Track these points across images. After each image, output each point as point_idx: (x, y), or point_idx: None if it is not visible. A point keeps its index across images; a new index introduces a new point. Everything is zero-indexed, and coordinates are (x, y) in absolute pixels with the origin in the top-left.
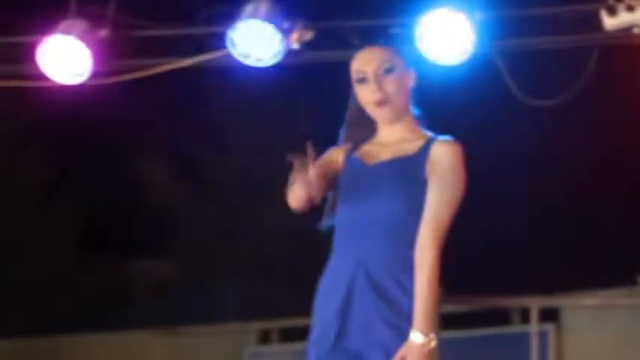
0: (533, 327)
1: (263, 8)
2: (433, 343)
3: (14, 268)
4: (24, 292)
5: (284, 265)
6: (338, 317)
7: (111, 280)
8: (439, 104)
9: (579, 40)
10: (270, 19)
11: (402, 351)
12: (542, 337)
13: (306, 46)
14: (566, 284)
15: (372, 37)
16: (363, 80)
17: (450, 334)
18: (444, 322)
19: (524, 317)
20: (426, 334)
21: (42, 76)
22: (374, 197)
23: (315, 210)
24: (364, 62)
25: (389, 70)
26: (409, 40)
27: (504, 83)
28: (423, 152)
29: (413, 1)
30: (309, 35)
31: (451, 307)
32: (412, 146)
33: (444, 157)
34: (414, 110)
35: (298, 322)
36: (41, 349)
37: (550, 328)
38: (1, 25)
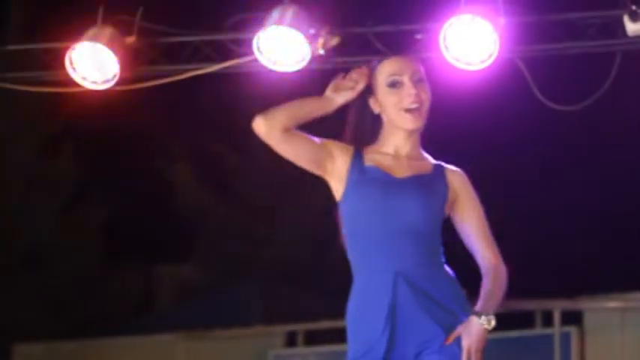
0: (556, 329)
1: (289, 14)
2: (493, 323)
3: (42, 274)
4: (52, 296)
5: (309, 269)
6: (385, 331)
7: (137, 284)
8: (463, 109)
9: (602, 46)
10: (295, 25)
11: (459, 328)
12: (565, 339)
13: (332, 51)
14: (589, 287)
15: (397, 42)
16: (396, 84)
17: None
18: None
19: (548, 320)
20: (486, 315)
21: (70, 83)
22: (406, 210)
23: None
24: (400, 67)
25: (422, 80)
26: (433, 45)
27: (528, 88)
28: (439, 174)
29: (437, 7)
30: (334, 41)
31: None
32: (424, 165)
33: (464, 184)
34: None
35: (323, 324)
36: (69, 353)
37: (573, 330)
38: (29, 32)
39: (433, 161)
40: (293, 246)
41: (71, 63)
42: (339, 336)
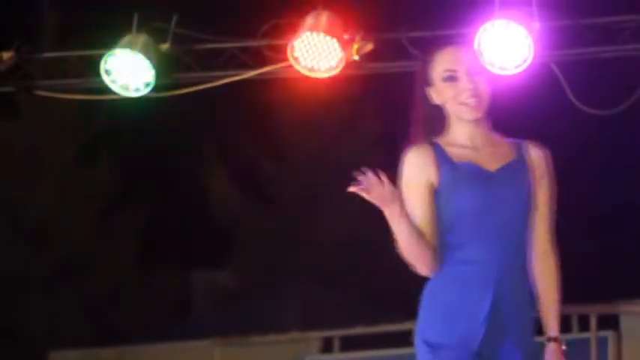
0: (593, 334)
1: (323, 20)
2: (564, 346)
3: (79, 281)
4: (88, 303)
5: (345, 275)
6: (482, 327)
7: (173, 291)
8: (497, 114)
9: (636, 49)
10: (330, 30)
11: (546, 357)
12: (601, 343)
13: (366, 57)
14: (625, 291)
15: (431, 47)
16: (452, 78)
17: None
18: None
19: (584, 324)
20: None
21: (105, 90)
22: (503, 204)
23: (375, 219)
24: (456, 60)
25: (479, 72)
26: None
27: (562, 92)
28: (520, 157)
29: (472, 12)
30: (369, 46)
31: None
32: (505, 150)
33: (543, 162)
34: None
35: (360, 330)
36: (107, 359)
37: (609, 334)
38: (64, 39)
39: (511, 142)
40: (329, 251)
41: (106, 70)
42: (374, 341)
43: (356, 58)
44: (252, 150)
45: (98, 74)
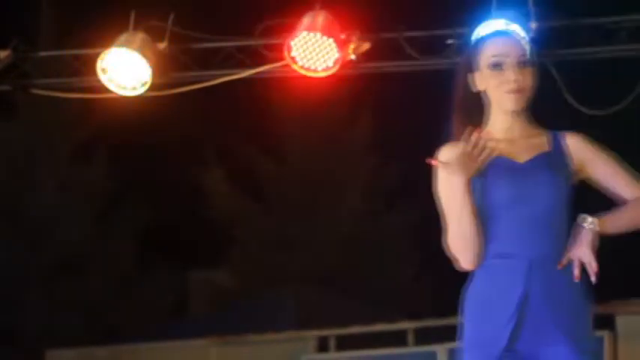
0: None
1: (320, 20)
2: (590, 225)
3: (76, 280)
4: (86, 302)
5: (341, 274)
6: (509, 324)
7: (170, 290)
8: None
9: (633, 50)
10: (327, 30)
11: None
12: (597, 343)
13: (363, 56)
14: (621, 291)
15: (428, 47)
16: (499, 66)
17: None
18: None
19: None
20: (599, 223)
21: (101, 89)
22: (534, 195)
23: (374, 217)
24: (504, 49)
25: (527, 63)
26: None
27: (560, 92)
28: (557, 147)
29: (469, 12)
30: (365, 46)
31: None
32: (541, 141)
33: (584, 146)
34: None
35: (355, 329)
36: (102, 358)
37: (605, 334)
38: (60, 38)
39: (548, 133)
40: (326, 252)
41: (103, 69)
42: (370, 341)
43: (353, 57)
44: (250, 150)
45: (95, 73)
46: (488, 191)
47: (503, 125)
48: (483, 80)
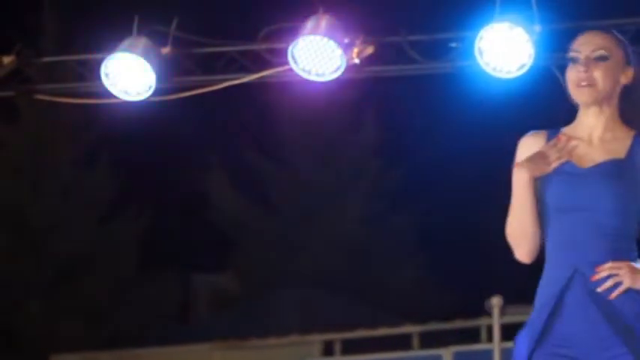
0: None
1: (323, 24)
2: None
3: (79, 284)
4: (89, 307)
5: (345, 278)
6: (543, 322)
7: (173, 294)
8: (499, 116)
9: (638, 53)
10: (330, 34)
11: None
12: None
13: (367, 60)
14: None
15: (431, 51)
16: (574, 60)
17: (511, 343)
18: (509, 331)
19: None
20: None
21: (105, 94)
22: (589, 203)
23: (378, 221)
24: (581, 43)
25: (603, 58)
26: (468, 54)
27: (564, 95)
28: (634, 155)
29: (473, 16)
30: (369, 50)
31: (516, 317)
32: (620, 145)
33: None
34: (621, 108)
35: (360, 333)
36: None
37: None
38: (64, 43)
39: (634, 138)
40: (329, 255)
41: (106, 74)
42: (375, 345)
43: (356, 61)
44: (253, 154)
45: (99, 78)
46: (547, 192)
47: (588, 124)
48: (566, 73)
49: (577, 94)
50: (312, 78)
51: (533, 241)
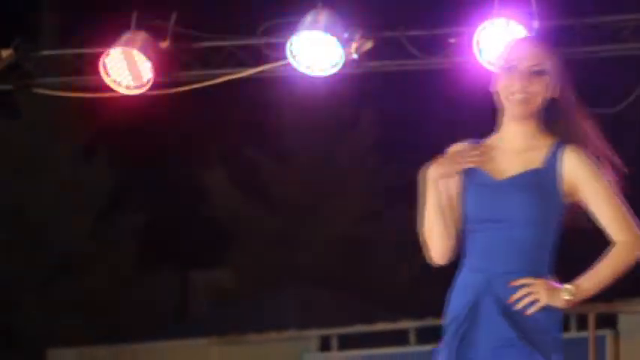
0: (591, 333)
1: (322, 19)
2: (565, 295)
3: (77, 279)
4: (87, 302)
5: (343, 274)
6: (462, 325)
7: (171, 290)
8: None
9: (636, 49)
10: (329, 29)
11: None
12: (600, 342)
13: (366, 55)
14: (623, 290)
15: (430, 46)
16: (510, 69)
17: None
18: None
19: (582, 323)
20: (572, 289)
21: (104, 88)
22: (503, 215)
23: (376, 217)
24: (518, 55)
25: (540, 73)
26: (467, 49)
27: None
28: (551, 164)
29: (470, 11)
30: (368, 45)
31: None
32: (538, 154)
33: (580, 167)
34: (545, 118)
35: (357, 329)
36: (102, 358)
37: (607, 334)
38: (62, 37)
39: (551, 147)
40: (327, 251)
41: (105, 68)
42: (372, 340)
43: (355, 56)
44: (252, 149)
45: (97, 72)
46: (465, 203)
47: (509, 133)
48: (497, 81)
49: (511, 106)
50: (311, 73)
51: (442, 242)
